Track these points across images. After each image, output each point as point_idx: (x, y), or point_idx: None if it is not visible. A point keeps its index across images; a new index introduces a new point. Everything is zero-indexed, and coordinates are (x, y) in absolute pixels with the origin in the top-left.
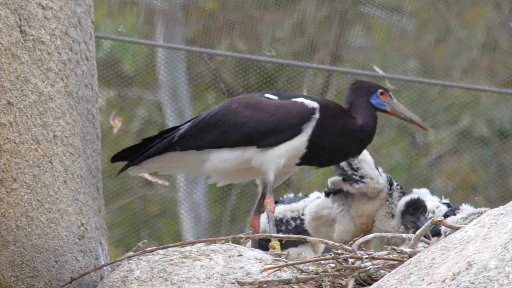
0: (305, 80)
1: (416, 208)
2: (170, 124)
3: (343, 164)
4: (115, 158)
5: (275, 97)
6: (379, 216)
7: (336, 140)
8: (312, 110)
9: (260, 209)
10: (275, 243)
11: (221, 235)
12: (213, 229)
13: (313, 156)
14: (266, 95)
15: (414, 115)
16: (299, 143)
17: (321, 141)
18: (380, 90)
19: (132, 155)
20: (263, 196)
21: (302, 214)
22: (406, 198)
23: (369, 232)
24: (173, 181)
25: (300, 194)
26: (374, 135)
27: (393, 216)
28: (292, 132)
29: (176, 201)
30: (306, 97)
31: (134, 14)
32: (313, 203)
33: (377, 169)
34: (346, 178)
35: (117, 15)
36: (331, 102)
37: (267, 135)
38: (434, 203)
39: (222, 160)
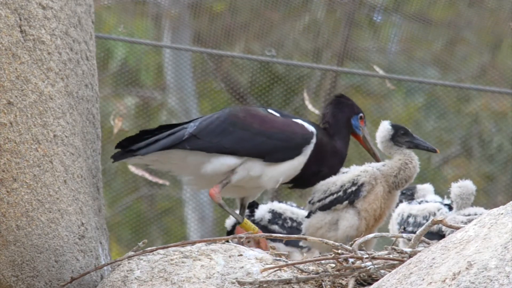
0: (312, 81)
1: (405, 128)
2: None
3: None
4: (118, 146)
5: (278, 114)
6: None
7: (327, 163)
8: (311, 134)
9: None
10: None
11: (225, 235)
12: (218, 229)
13: (304, 178)
14: (270, 110)
15: (376, 149)
16: (297, 163)
17: (316, 164)
18: (361, 114)
19: (132, 145)
20: (243, 207)
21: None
22: (386, 124)
23: (380, 219)
24: (179, 180)
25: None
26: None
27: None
28: (296, 151)
29: (182, 201)
30: (303, 120)
31: (143, 15)
32: (308, 221)
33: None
34: (351, 200)
35: (126, 17)
36: (318, 125)
37: (275, 150)
38: (435, 205)
39: (222, 163)
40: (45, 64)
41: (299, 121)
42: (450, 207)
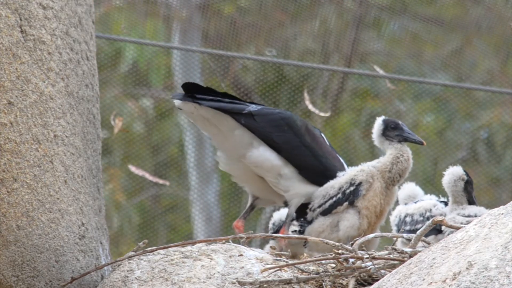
0: (320, 82)
1: (395, 122)
2: (184, 124)
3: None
4: (184, 87)
5: (327, 142)
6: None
7: None
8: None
9: (246, 216)
10: None
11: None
12: (225, 229)
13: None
14: (322, 134)
15: None
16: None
17: None
18: None
19: (196, 92)
20: (252, 209)
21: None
22: (379, 119)
23: (381, 215)
24: (186, 180)
25: None
26: None
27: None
28: (323, 181)
29: (188, 201)
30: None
31: (153, 16)
32: (310, 227)
33: None
34: (351, 201)
35: (136, 17)
36: None
37: (314, 169)
38: (431, 202)
39: (267, 158)
40: (45, 64)
41: (340, 158)
42: (446, 204)
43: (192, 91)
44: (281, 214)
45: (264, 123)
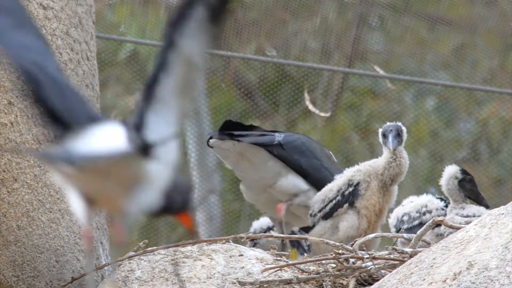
0: (321, 82)
1: (395, 127)
2: (185, 123)
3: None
4: (224, 124)
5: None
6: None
7: None
8: None
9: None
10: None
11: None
12: (225, 229)
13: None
14: (328, 151)
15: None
16: None
17: None
18: None
19: (229, 129)
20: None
21: None
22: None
23: (380, 213)
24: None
25: None
26: None
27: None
28: None
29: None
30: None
31: (152, 12)
32: (312, 231)
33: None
34: (351, 202)
35: (136, 14)
36: None
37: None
38: (427, 197)
39: (295, 185)
40: None
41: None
42: (441, 199)
43: (228, 129)
44: (261, 222)
45: (291, 151)
